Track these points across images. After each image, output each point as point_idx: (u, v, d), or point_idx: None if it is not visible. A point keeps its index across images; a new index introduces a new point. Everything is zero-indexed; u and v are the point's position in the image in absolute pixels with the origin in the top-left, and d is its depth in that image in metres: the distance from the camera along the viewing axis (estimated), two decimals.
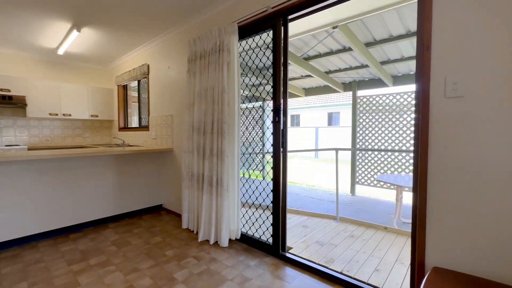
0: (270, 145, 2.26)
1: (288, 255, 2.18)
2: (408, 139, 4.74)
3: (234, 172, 2.41)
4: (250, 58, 2.44)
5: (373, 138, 5.17)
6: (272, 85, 2.18)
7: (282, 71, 2.15)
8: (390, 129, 4.97)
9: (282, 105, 2.16)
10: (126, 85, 4.61)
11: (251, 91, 2.69)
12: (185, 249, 2.35)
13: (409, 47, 3.53)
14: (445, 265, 1.39)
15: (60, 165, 2.60)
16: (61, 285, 1.77)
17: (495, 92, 1.23)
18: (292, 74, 5.06)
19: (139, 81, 4.22)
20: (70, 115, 4.33)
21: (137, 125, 4.40)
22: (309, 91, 6.14)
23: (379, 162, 5.12)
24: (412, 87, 4.69)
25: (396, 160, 4.88)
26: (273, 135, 2.20)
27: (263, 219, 2.59)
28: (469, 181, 1.30)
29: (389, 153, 5.02)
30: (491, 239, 1.26)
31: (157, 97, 3.57)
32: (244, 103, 2.54)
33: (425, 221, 1.44)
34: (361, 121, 5.32)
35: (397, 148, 4.92)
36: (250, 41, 2.50)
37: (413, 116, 4.64)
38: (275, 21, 2.15)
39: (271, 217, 2.28)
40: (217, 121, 2.43)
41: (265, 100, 2.19)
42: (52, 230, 2.59)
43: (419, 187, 1.45)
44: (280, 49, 2.14)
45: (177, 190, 3.22)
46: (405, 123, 4.76)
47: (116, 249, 2.34)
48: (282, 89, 2.15)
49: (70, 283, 1.80)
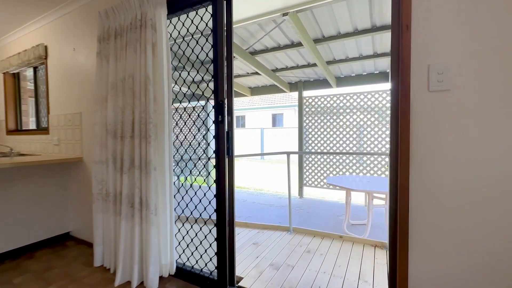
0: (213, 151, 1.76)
1: None
2: (351, 139, 4.83)
3: (165, 188, 1.82)
4: (188, 45, 1.89)
5: (318, 139, 5.15)
6: (213, 75, 1.69)
7: (225, 56, 1.68)
8: (334, 130, 5.01)
9: (226, 101, 1.69)
10: (17, 74, 3.45)
11: (190, 88, 2.13)
12: None
13: (354, 47, 3.49)
14: None
15: None
16: None
17: (488, 84, 1.00)
18: (237, 70, 4.64)
19: (35, 68, 3.18)
20: None
21: (34, 127, 3.32)
22: (255, 91, 5.83)
23: (325, 163, 5.12)
24: (354, 89, 4.83)
25: (342, 161, 4.95)
26: (215, 139, 1.71)
27: (208, 241, 2.05)
28: (460, 194, 1.05)
29: (337, 155, 5.07)
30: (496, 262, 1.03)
31: (60, 90, 2.67)
32: (187, 102, 1.97)
33: (407, 242, 1.16)
34: (307, 122, 5.25)
35: (341, 149, 4.97)
36: (186, 21, 1.93)
37: (355, 117, 4.76)
38: None
39: (217, 241, 1.78)
40: (139, 121, 1.80)
41: (210, 99, 1.69)
42: None
43: (400, 202, 1.16)
44: (222, 29, 1.66)
45: (90, 212, 2.43)
46: (348, 123, 4.86)
47: None
48: (226, 80, 1.68)
49: None
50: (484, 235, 1.02)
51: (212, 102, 1.73)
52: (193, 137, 1.87)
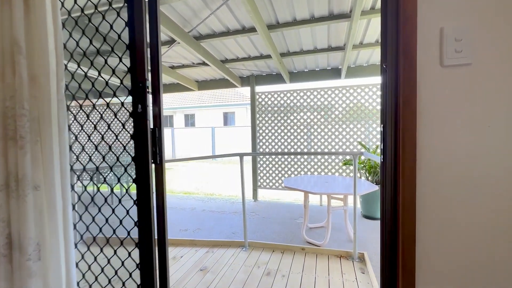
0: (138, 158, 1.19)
1: None
2: (305, 137, 4.66)
3: (55, 215, 1.19)
4: (104, 18, 1.26)
5: (273, 137, 4.86)
6: (128, 43, 1.13)
7: (146, 9, 1.13)
8: (289, 127, 4.77)
9: (150, 84, 1.15)
10: None
11: (101, 73, 1.48)
12: None
13: (309, 38, 3.24)
14: None
15: None
16: None
17: None
18: (180, 59, 4.00)
19: None
20: None
21: None
22: (203, 85, 5.24)
23: (279, 163, 4.85)
24: (307, 85, 4.66)
25: (297, 160, 4.74)
26: (134, 140, 1.15)
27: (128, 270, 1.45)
28: (497, 216, 0.74)
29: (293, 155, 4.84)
30: None
31: None
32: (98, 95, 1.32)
33: (414, 268, 0.82)
34: (260, 119, 4.90)
35: (296, 147, 4.77)
36: None
37: (308, 114, 4.60)
38: None
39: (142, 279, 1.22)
40: (3, 113, 1.13)
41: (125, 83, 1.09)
42: None
43: (402, 228, 0.81)
44: None
45: None
46: (302, 121, 4.68)
47: None
48: (148, 51, 1.14)
49: None
50: None
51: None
52: (103, 138, 1.26)
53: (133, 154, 1.17)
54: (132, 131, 1.16)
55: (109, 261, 1.30)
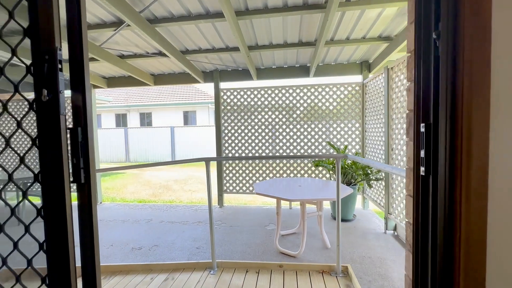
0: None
1: None
2: (273, 137, 4.42)
3: None
4: None
5: (239, 138, 4.52)
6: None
7: None
8: (256, 127, 4.49)
9: (67, 55, 0.73)
10: None
11: None
12: None
13: (280, 30, 2.99)
14: None
15: None
16: None
17: None
18: (131, 47, 3.41)
19: None
20: None
21: None
22: (160, 79, 4.65)
23: (247, 165, 4.53)
24: (275, 83, 4.42)
25: (265, 161, 4.47)
26: (38, 146, 0.72)
27: None
28: None
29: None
30: None
31: None
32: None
33: None
34: (226, 118, 4.53)
35: (264, 148, 4.50)
36: None
37: (277, 113, 4.38)
38: None
39: None
40: None
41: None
42: None
43: (465, 262, 0.55)
44: None
45: None
46: (271, 120, 4.42)
47: None
48: (63, 4, 0.71)
49: None
50: None
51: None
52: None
53: (37, 169, 0.72)
54: (35, 132, 0.72)
55: None
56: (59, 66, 0.70)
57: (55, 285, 0.75)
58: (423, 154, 0.63)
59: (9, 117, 0.76)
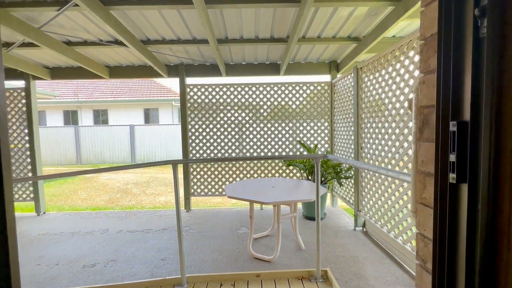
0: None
1: None
2: (243, 136, 4.26)
3: None
4: None
5: (207, 137, 4.27)
6: None
7: None
8: (225, 126, 4.28)
9: None
10: None
11: None
12: None
13: (251, 23, 2.83)
14: None
15: None
16: None
17: None
18: (82, 33, 2.95)
19: None
20: None
21: None
22: (116, 71, 4.16)
23: (216, 166, 4.30)
24: (244, 80, 4.25)
25: (235, 162, 4.28)
26: None
27: None
28: None
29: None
30: None
31: None
32: None
33: None
34: (192, 116, 4.24)
35: (231, 144, 4.32)
36: None
37: (247, 111, 4.22)
38: None
39: None
40: None
41: None
42: None
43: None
44: None
45: None
46: (241, 119, 4.23)
47: None
48: None
49: None
50: None
51: None
52: None
53: None
54: None
55: None
56: None
57: None
58: (453, 158, 0.52)
59: None
